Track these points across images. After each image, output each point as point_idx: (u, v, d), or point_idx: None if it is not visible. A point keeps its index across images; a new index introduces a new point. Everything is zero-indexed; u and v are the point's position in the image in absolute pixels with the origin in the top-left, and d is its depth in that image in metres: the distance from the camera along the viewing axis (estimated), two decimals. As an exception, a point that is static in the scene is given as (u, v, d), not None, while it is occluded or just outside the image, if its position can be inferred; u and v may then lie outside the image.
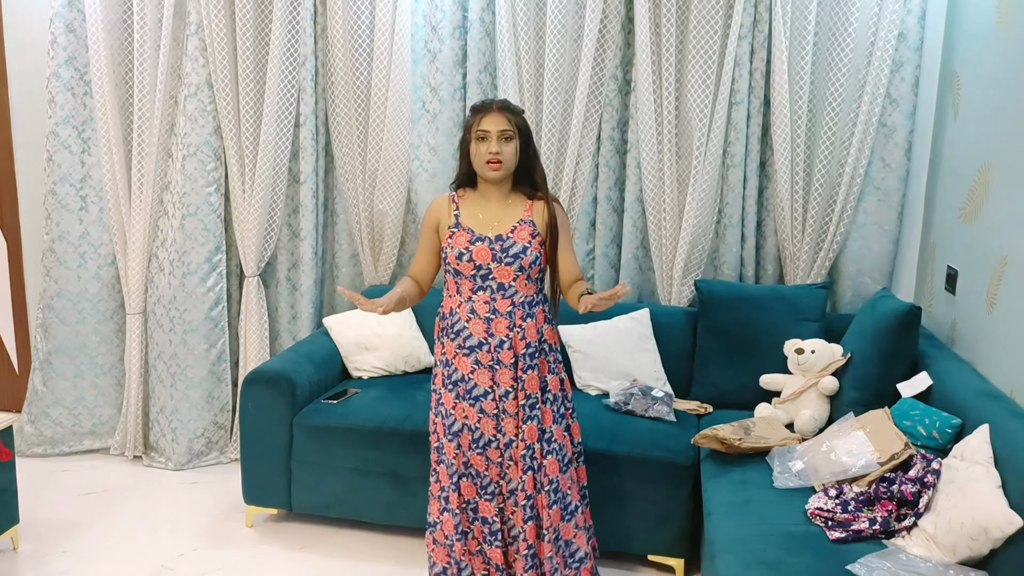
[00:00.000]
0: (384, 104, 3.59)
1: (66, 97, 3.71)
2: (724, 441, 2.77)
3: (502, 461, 2.50)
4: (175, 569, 2.98)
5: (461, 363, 2.49)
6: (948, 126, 3.21)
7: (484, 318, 2.47)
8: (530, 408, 2.50)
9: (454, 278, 2.51)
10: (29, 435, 3.87)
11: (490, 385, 2.48)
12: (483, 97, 3.58)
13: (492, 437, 2.49)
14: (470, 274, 2.47)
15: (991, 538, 2.03)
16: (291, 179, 3.77)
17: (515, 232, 2.49)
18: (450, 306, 2.53)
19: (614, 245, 3.63)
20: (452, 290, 2.52)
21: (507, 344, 2.47)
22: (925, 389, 2.71)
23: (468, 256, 2.46)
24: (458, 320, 2.49)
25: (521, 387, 2.48)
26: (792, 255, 3.43)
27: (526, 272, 2.48)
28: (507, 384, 2.47)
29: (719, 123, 3.34)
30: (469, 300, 2.48)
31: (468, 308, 2.48)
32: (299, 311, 3.85)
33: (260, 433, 3.19)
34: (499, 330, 2.47)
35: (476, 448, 2.50)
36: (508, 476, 2.50)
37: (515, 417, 2.48)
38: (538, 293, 2.53)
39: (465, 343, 2.48)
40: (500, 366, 2.47)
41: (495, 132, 2.43)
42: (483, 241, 2.47)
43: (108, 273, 3.86)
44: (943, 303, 3.14)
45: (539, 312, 2.53)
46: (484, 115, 2.45)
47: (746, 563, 2.14)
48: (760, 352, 3.24)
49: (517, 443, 2.49)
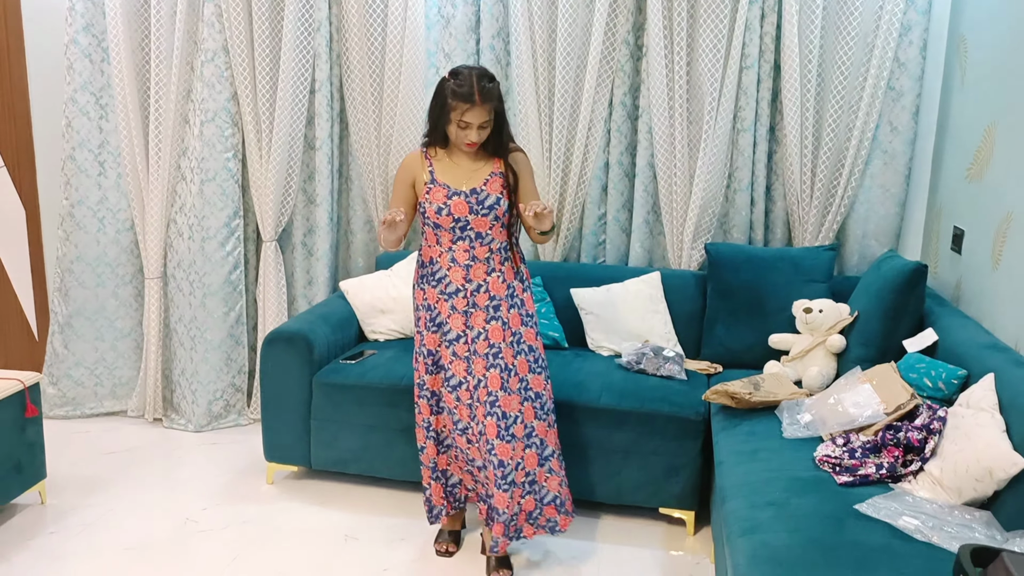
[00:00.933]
0: (398, 70, 3.64)
1: (84, 64, 3.76)
2: (734, 396, 2.84)
3: (471, 402, 2.66)
4: (199, 522, 3.07)
5: (442, 307, 2.67)
6: (955, 89, 3.25)
7: (464, 265, 2.64)
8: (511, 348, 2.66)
9: (433, 230, 2.65)
10: (51, 396, 3.95)
11: (462, 330, 2.65)
12: (496, 63, 3.63)
13: (462, 379, 2.67)
14: (449, 226, 2.62)
15: (995, 479, 2.10)
16: (306, 145, 3.82)
17: (488, 184, 2.64)
18: (430, 255, 2.68)
19: (625, 210, 3.69)
20: (431, 241, 2.67)
21: (484, 287, 2.64)
22: (931, 345, 2.77)
23: (447, 210, 2.60)
24: (439, 268, 2.66)
25: (505, 326, 2.65)
26: (800, 218, 3.49)
27: (500, 221, 2.64)
28: (480, 326, 2.64)
29: (730, 88, 3.39)
30: (449, 250, 2.64)
31: (449, 257, 2.65)
32: (315, 276, 3.92)
33: (280, 392, 3.27)
34: (477, 275, 2.64)
35: (447, 387, 2.70)
36: (476, 417, 2.66)
37: (484, 358, 2.64)
38: (512, 236, 2.70)
39: (446, 289, 2.65)
40: (475, 309, 2.64)
41: (476, 124, 2.54)
42: (459, 195, 2.61)
43: (126, 238, 3.93)
44: (948, 263, 3.21)
45: (515, 255, 2.71)
46: (469, 108, 2.51)
47: (754, 504, 2.21)
48: (768, 313, 3.31)
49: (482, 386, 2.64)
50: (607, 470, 3.04)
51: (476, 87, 2.50)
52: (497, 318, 2.65)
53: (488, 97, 2.52)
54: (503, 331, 2.66)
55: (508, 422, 2.63)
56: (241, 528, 3.03)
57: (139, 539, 2.94)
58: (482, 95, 2.50)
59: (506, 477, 2.63)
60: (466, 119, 2.53)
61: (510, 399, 2.64)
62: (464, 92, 2.50)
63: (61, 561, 2.79)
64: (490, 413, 2.63)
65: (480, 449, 2.68)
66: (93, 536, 2.95)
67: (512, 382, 2.65)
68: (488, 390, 2.63)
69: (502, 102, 2.61)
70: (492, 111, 2.55)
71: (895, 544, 2.00)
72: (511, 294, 2.69)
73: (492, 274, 2.65)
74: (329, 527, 3.04)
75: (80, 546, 2.88)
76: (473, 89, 2.50)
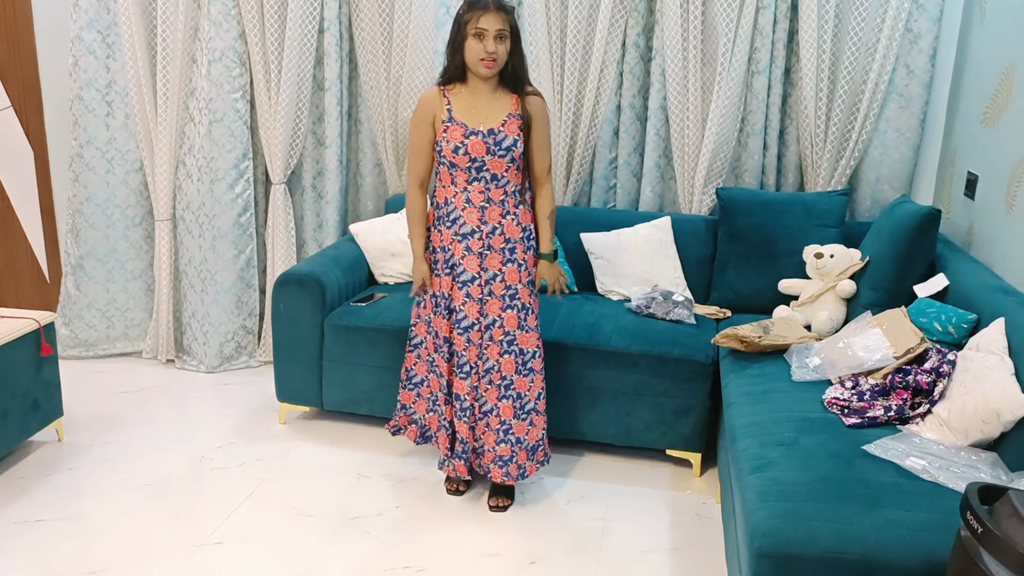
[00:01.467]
0: (408, 9, 3.58)
1: (90, 1, 3.71)
2: (744, 339, 2.86)
3: (481, 342, 2.70)
4: (214, 459, 3.13)
5: (456, 248, 2.67)
6: (974, 29, 3.20)
7: (479, 207, 2.63)
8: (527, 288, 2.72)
9: (449, 170, 2.65)
10: (65, 337, 3.99)
11: (477, 271, 2.66)
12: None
13: (475, 320, 2.68)
14: (465, 166, 2.61)
15: (1003, 421, 2.13)
16: (315, 86, 3.79)
17: (506, 126, 2.63)
18: (444, 196, 2.67)
19: (636, 154, 3.67)
20: (446, 181, 2.66)
21: (499, 230, 2.65)
22: (942, 290, 2.78)
23: (464, 150, 2.60)
24: (454, 209, 2.65)
25: (521, 268, 2.68)
26: (813, 163, 3.47)
27: (516, 163, 2.64)
28: (495, 268, 2.66)
29: (745, 29, 3.34)
30: (465, 191, 2.64)
31: (464, 198, 2.64)
32: (325, 219, 3.92)
33: (292, 333, 3.29)
34: (492, 217, 2.65)
35: (458, 329, 2.70)
36: (486, 356, 2.70)
37: (501, 299, 2.67)
38: (525, 180, 2.71)
39: (460, 230, 2.65)
40: (490, 251, 2.66)
41: (492, 31, 2.52)
42: (477, 135, 2.60)
43: (136, 179, 3.92)
44: (961, 208, 3.19)
45: (531, 198, 2.73)
46: (483, 13, 2.51)
47: (763, 443, 2.25)
48: (779, 257, 3.31)
49: (496, 327, 2.69)
50: (617, 412, 3.08)
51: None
52: (513, 260, 2.68)
53: (501, 5, 2.53)
54: (519, 272, 2.68)
55: (526, 358, 2.72)
56: (255, 466, 3.08)
57: (156, 475, 2.99)
58: (496, 3, 2.52)
59: (524, 407, 2.74)
60: (481, 25, 2.50)
61: (527, 336, 2.71)
62: (478, 0, 2.53)
63: (80, 495, 2.85)
64: (507, 351, 2.70)
65: (484, 389, 2.74)
66: (111, 472, 3.01)
67: (530, 320, 2.71)
68: (505, 329, 2.69)
69: (517, 27, 2.60)
70: (507, 23, 2.54)
71: (902, 483, 2.03)
72: (527, 236, 2.70)
73: (507, 216, 2.66)
74: (341, 466, 3.10)
75: (98, 481, 2.94)
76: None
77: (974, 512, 1.63)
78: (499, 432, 2.76)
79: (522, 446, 2.77)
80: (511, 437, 2.76)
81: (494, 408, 2.75)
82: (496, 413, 2.75)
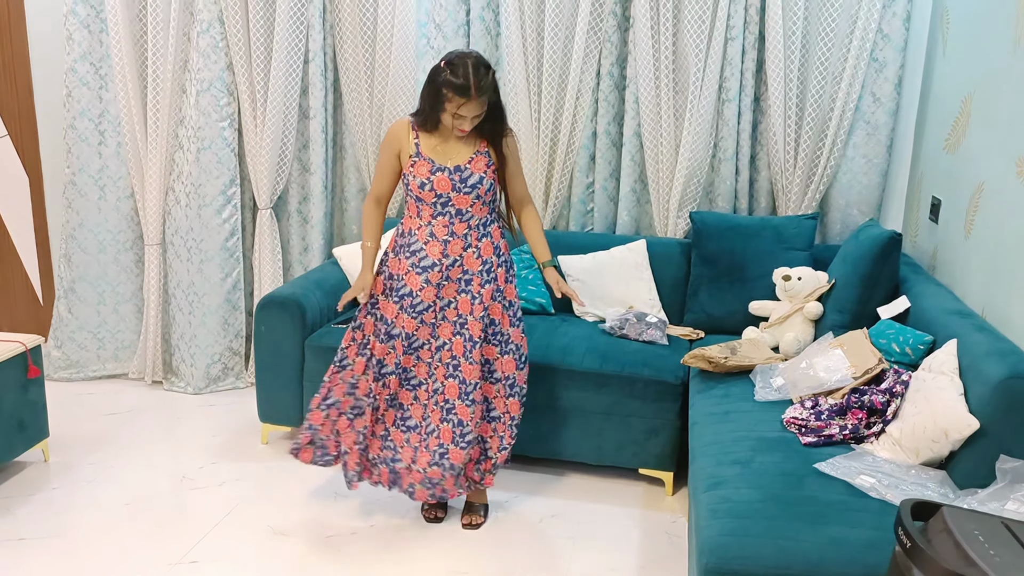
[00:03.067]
0: (390, 41, 3.69)
1: (83, 34, 3.83)
2: (711, 360, 2.92)
3: (431, 361, 2.75)
4: (195, 479, 3.19)
5: (412, 280, 2.70)
6: (938, 60, 3.29)
7: (442, 240, 2.69)
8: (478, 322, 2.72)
9: (415, 202, 2.70)
10: (56, 359, 4.07)
11: (433, 300, 2.71)
12: (486, 33, 3.68)
13: (426, 340, 2.74)
14: (431, 201, 2.67)
15: (951, 440, 2.19)
16: (301, 114, 3.89)
17: (472, 163, 2.67)
18: (410, 227, 2.73)
19: (613, 178, 3.75)
20: (412, 212, 2.73)
21: (459, 262, 2.70)
22: (903, 311, 2.84)
23: (430, 186, 2.64)
24: (415, 241, 2.71)
25: (475, 300, 2.72)
26: (784, 187, 3.55)
27: (482, 199, 2.70)
28: (450, 296, 2.72)
29: (715, 58, 3.43)
30: (429, 224, 2.69)
31: (428, 231, 2.70)
32: (310, 243, 4.01)
33: (273, 355, 3.37)
34: (454, 251, 2.70)
35: (408, 351, 2.74)
36: (435, 375, 2.75)
37: (452, 324, 2.72)
38: (491, 213, 2.76)
39: (420, 263, 2.70)
40: (448, 281, 2.71)
41: (470, 116, 2.55)
42: (443, 171, 2.64)
43: (127, 205, 4.02)
44: (927, 232, 3.26)
45: (494, 230, 2.77)
46: (465, 102, 2.49)
47: (720, 462, 2.31)
48: (750, 280, 3.38)
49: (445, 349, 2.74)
50: (589, 431, 3.14)
51: (473, 81, 2.46)
52: (467, 291, 2.72)
53: (484, 91, 2.50)
54: (471, 304, 2.72)
55: (468, 388, 2.72)
56: (235, 485, 3.15)
57: (138, 495, 3.06)
58: (479, 90, 2.48)
59: (464, 436, 2.73)
60: (461, 112, 2.52)
61: (471, 368, 2.72)
62: (460, 85, 2.47)
63: (63, 514, 2.92)
64: (451, 376, 2.73)
65: (430, 409, 2.75)
66: (94, 491, 3.08)
67: (475, 354, 2.71)
68: (452, 353, 2.73)
69: (497, 92, 2.59)
70: (487, 104, 2.54)
71: (850, 500, 2.09)
72: (486, 269, 2.74)
73: (468, 249, 2.70)
74: (320, 485, 3.16)
75: (81, 501, 3.01)
76: (470, 83, 2.46)
77: (904, 528, 1.68)
78: (435, 454, 2.74)
79: (453, 472, 2.75)
80: (445, 461, 2.74)
81: (435, 429, 2.75)
82: (436, 435, 2.75)
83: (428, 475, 2.75)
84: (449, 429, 2.74)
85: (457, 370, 2.73)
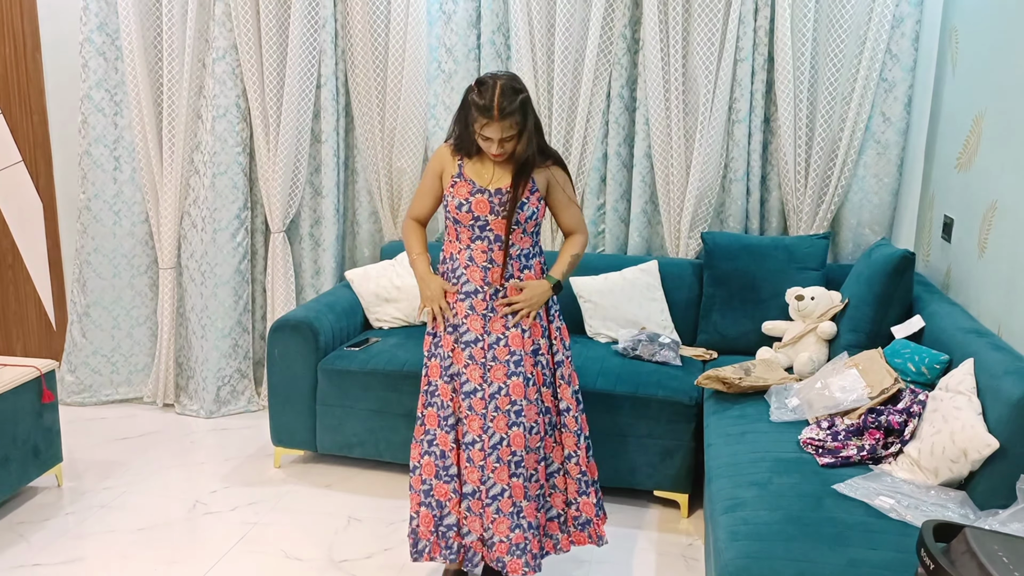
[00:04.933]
0: (401, 65, 3.72)
1: (98, 62, 3.88)
2: (725, 380, 2.91)
3: (486, 412, 2.49)
4: (208, 504, 3.19)
5: (459, 307, 2.54)
6: (947, 79, 3.30)
7: (482, 267, 2.52)
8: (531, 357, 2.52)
9: (454, 225, 2.56)
10: (70, 384, 4.09)
11: (480, 333, 2.51)
12: (496, 57, 3.71)
13: (477, 386, 2.50)
14: (468, 224, 2.52)
15: (970, 460, 2.17)
16: (313, 139, 3.93)
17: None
18: (450, 251, 2.59)
19: (624, 200, 3.76)
20: (452, 236, 2.58)
21: (502, 293, 2.53)
22: (918, 331, 2.83)
23: (467, 207, 2.50)
24: (458, 266, 2.55)
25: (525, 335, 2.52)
26: (795, 208, 3.55)
27: (522, 226, 2.52)
28: (498, 332, 2.51)
29: (724, 80, 3.45)
30: (468, 248, 2.53)
31: (467, 256, 2.54)
32: (322, 266, 4.03)
33: (286, 378, 3.38)
34: (494, 279, 2.52)
35: (460, 394, 2.52)
36: (491, 429, 2.48)
37: (505, 365, 2.49)
38: (534, 246, 2.59)
39: (463, 288, 2.54)
40: (494, 314, 2.52)
41: (496, 139, 2.43)
42: (483, 193, 2.50)
43: (141, 230, 4.05)
44: (939, 251, 3.26)
45: (536, 264, 2.59)
46: (488, 123, 2.40)
47: (737, 483, 2.29)
48: (763, 300, 3.38)
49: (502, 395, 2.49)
50: (604, 453, 3.12)
51: (496, 102, 2.37)
52: (517, 326, 2.52)
53: (508, 113, 2.38)
54: (523, 339, 2.51)
55: (533, 431, 2.51)
56: (248, 510, 3.14)
57: (151, 520, 3.06)
58: (501, 111, 2.37)
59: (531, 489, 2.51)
60: (485, 133, 2.42)
61: (531, 408, 2.51)
62: (482, 105, 2.39)
63: (76, 540, 2.92)
64: (515, 424, 2.48)
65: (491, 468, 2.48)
66: (107, 517, 3.07)
67: (531, 392, 2.51)
68: (511, 398, 2.48)
69: (528, 115, 2.44)
70: (516, 125, 2.41)
71: (870, 522, 2.07)
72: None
73: (510, 279, 2.53)
74: (334, 509, 3.15)
75: (95, 526, 3.01)
76: (493, 104, 2.37)
77: (927, 549, 1.67)
78: (512, 516, 2.47)
79: (534, 531, 2.51)
80: (523, 521, 2.48)
81: (505, 490, 2.48)
82: (508, 495, 2.48)
83: (513, 541, 2.49)
84: (520, 484, 2.49)
85: (520, 416, 2.49)
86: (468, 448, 2.50)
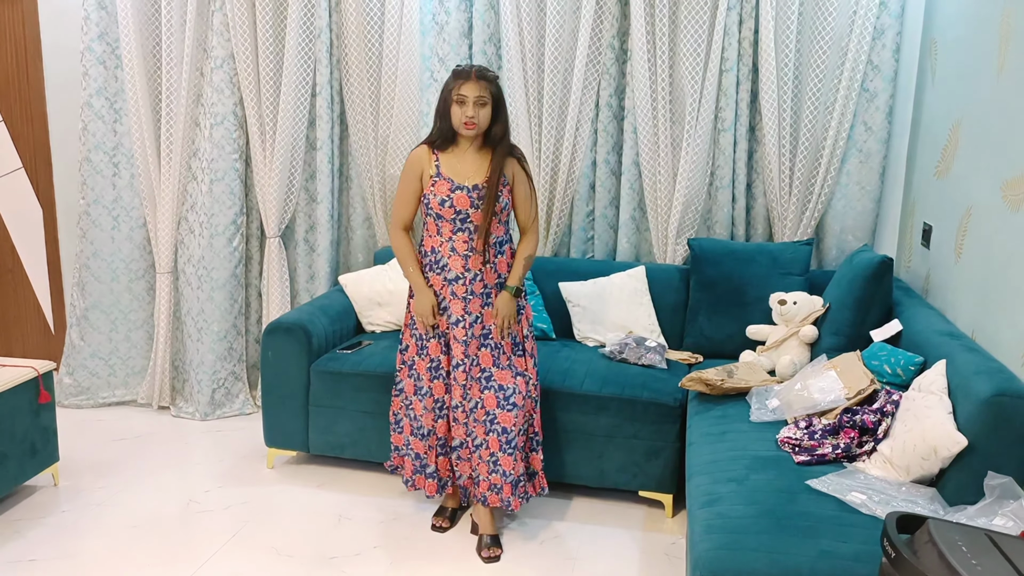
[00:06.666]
0: (395, 74, 3.80)
1: (99, 70, 3.96)
2: (708, 382, 2.98)
3: (466, 383, 2.90)
4: (202, 503, 3.25)
5: (445, 292, 2.89)
6: (927, 89, 3.38)
7: (463, 255, 2.86)
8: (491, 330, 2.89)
9: (435, 221, 2.87)
10: (68, 386, 4.15)
11: (462, 314, 2.87)
12: (489, 66, 3.78)
13: (460, 360, 2.89)
14: (451, 218, 2.84)
15: (940, 457, 2.23)
16: (308, 146, 4.00)
17: (489, 182, 2.84)
18: (431, 245, 2.90)
19: (612, 206, 3.84)
20: (432, 231, 2.89)
21: (479, 277, 2.87)
22: (895, 334, 2.90)
23: (450, 203, 2.83)
24: (441, 256, 2.88)
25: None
26: (780, 214, 3.62)
27: (498, 216, 2.88)
28: (476, 311, 2.88)
29: (710, 90, 3.53)
30: (450, 240, 2.87)
31: (449, 247, 2.87)
32: (316, 271, 4.10)
33: (280, 380, 3.44)
34: (474, 265, 2.87)
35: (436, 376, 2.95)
36: (470, 396, 2.90)
37: (478, 339, 2.88)
38: (506, 233, 2.94)
39: (447, 276, 2.88)
40: (472, 296, 2.87)
41: (472, 97, 2.76)
42: (462, 190, 2.82)
43: (139, 235, 4.12)
44: (919, 257, 3.33)
45: (507, 249, 2.94)
46: (464, 82, 2.76)
47: (715, 480, 2.36)
48: (748, 304, 3.44)
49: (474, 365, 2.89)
50: (590, 454, 3.18)
51: (473, 68, 2.79)
52: (489, 304, 2.90)
53: (482, 75, 2.77)
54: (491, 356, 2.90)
55: (506, 393, 2.86)
56: (240, 509, 3.20)
57: (146, 518, 3.11)
58: (477, 72, 2.76)
59: (510, 442, 2.86)
60: (462, 92, 2.75)
61: (503, 373, 2.87)
62: (460, 70, 2.80)
63: (73, 537, 2.97)
64: (487, 388, 2.87)
65: (472, 425, 2.90)
66: (103, 515, 3.13)
67: (502, 359, 2.89)
68: (481, 367, 2.88)
69: (501, 94, 2.83)
70: (487, 90, 2.77)
71: (842, 516, 2.14)
72: (499, 284, 2.92)
73: (487, 264, 2.88)
74: (325, 508, 3.21)
75: (91, 524, 3.07)
76: (470, 68, 2.79)
77: (889, 539, 1.73)
78: (489, 463, 2.89)
79: (507, 479, 2.88)
80: (500, 468, 2.88)
81: (483, 442, 2.89)
82: (486, 446, 2.89)
83: (492, 481, 2.89)
84: (495, 439, 2.87)
85: (491, 380, 2.88)
86: (453, 409, 2.93)
